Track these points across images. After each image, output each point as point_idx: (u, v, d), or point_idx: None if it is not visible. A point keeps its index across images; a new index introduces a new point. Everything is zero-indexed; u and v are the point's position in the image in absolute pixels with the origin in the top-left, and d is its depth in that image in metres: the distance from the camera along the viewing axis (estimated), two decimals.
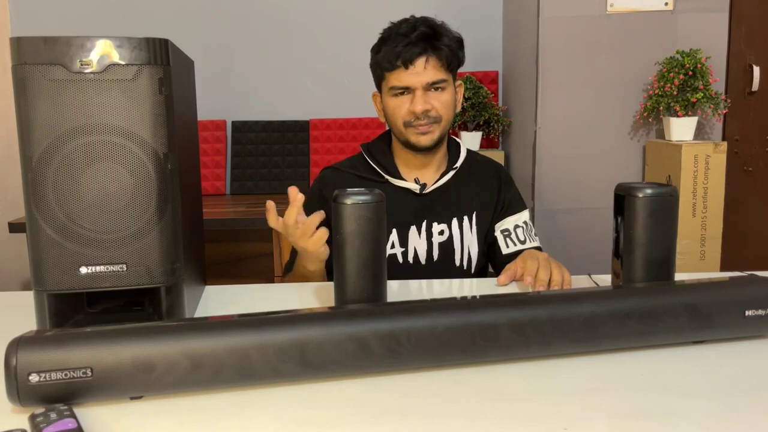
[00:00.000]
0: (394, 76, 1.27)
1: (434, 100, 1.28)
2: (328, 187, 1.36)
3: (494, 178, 1.41)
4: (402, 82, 1.26)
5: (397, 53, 1.25)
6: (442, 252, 1.35)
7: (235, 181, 2.85)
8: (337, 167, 1.40)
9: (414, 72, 1.25)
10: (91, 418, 0.67)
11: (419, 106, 1.26)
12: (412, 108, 1.27)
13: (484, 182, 1.40)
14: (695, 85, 2.18)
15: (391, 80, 1.28)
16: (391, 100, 1.30)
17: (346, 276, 0.88)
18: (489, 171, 1.42)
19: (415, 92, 1.27)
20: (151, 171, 0.84)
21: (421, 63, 1.25)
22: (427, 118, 1.27)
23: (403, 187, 1.35)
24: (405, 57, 1.24)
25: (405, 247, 1.34)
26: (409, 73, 1.26)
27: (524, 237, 1.37)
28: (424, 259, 1.34)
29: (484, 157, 1.46)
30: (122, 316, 0.93)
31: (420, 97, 1.26)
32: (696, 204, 2.18)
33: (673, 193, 0.93)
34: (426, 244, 1.34)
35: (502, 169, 1.45)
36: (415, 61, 1.25)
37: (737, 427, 0.65)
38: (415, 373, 0.78)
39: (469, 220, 1.36)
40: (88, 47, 0.81)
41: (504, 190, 1.40)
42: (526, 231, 1.38)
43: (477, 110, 2.62)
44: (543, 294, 0.83)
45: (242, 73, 2.89)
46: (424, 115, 1.27)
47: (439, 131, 1.30)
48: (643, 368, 0.79)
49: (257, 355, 0.71)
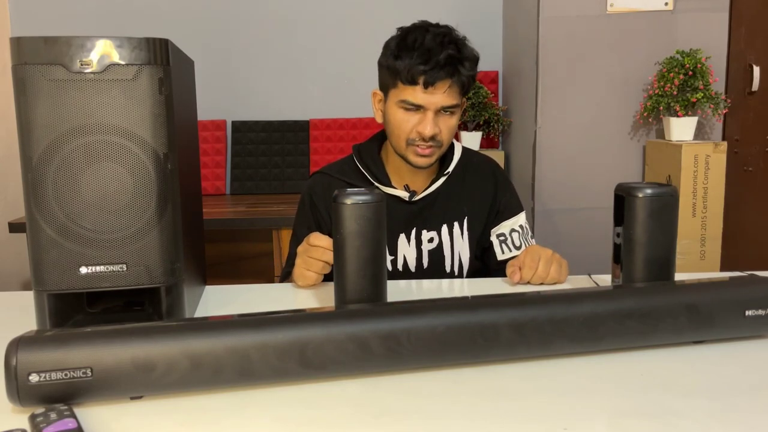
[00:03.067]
0: (409, 91, 1.21)
1: (443, 125, 1.24)
2: (318, 195, 1.35)
3: (490, 182, 1.38)
4: (417, 100, 1.21)
5: (420, 71, 1.18)
6: (432, 259, 1.33)
7: (235, 181, 2.85)
8: (326, 172, 1.38)
9: (432, 94, 1.20)
10: (91, 418, 0.67)
11: (429, 130, 1.21)
12: (420, 129, 1.22)
13: (478, 186, 1.37)
14: (695, 85, 2.18)
15: (405, 94, 1.22)
16: (398, 113, 1.24)
17: (346, 276, 0.88)
18: (485, 173, 1.38)
19: (427, 113, 1.22)
20: (151, 171, 0.84)
21: (442, 87, 1.20)
22: (432, 141, 1.24)
23: (392, 194, 1.32)
24: (428, 78, 1.18)
25: (394, 255, 1.32)
26: (427, 93, 1.20)
27: (520, 242, 1.35)
28: (414, 267, 1.32)
29: (480, 157, 1.42)
30: (122, 316, 0.93)
31: (431, 120, 1.22)
32: (696, 204, 2.18)
33: (673, 193, 0.93)
34: (415, 252, 1.32)
35: (499, 171, 1.41)
36: (437, 84, 1.19)
37: (737, 427, 0.65)
38: (415, 373, 0.78)
39: (460, 225, 1.34)
40: (88, 47, 0.81)
41: (500, 194, 1.37)
42: (522, 235, 1.36)
43: (477, 110, 2.62)
44: (543, 294, 0.83)
45: (242, 73, 2.89)
46: (431, 139, 1.23)
47: (438, 154, 1.27)
48: (643, 368, 0.79)
49: (257, 355, 0.71)
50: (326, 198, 1.33)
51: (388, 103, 1.27)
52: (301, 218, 1.37)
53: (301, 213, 1.38)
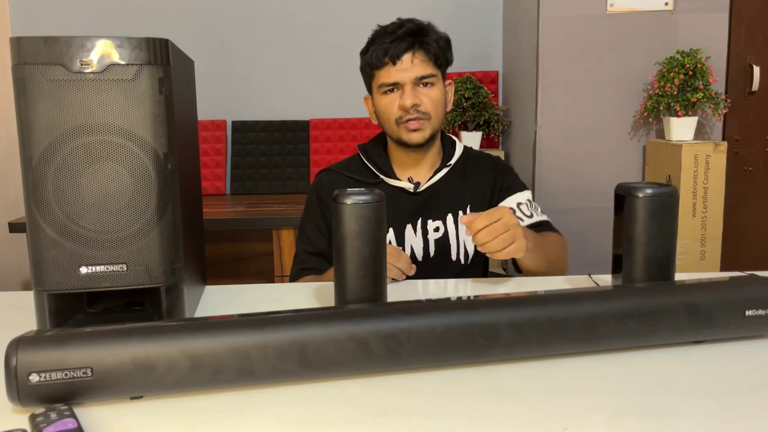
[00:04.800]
0: (383, 73, 1.29)
1: (423, 96, 1.29)
2: (325, 190, 1.38)
3: (490, 170, 1.41)
4: (391, 78, 1.28)
5: (384, 49, 1.27)
6: (438, 248, 1.36)
7: (235, 181, 2.85)
8: (332, 169, 1.42)
9: (402, 68, 1.28)
10: (91, 418, 0.67)
11: (408, 100, 1.28)
12: (401, 103, 1.29)
13: (479, 175, 1.40)
14: (695, 85, 2.18)
15: (380, 77, 1.30)
16: (382, 99, 1.32)
17: (346, 276, 0.88)
18: (485, 164, 1.43)
19: (404, 87, 1.29)
20: (151, 171, 0.84)
21: (408, 58, 1.27)
22: (417, 113, 1.29)
23: (398, 186, 1.36)
24: (392, 53, 1.27)
25: (402, 245, 1.35)
26: (397, 68, 1.28)
27: (530, 212, 1.37)
28: (421, 256, 1.36)
29: (481, 153, 1.47)
30: (122, 316, 0.93)
31: (409, 91, 1.28)
32: (696, 204, 2.18)
33: (673, 193, 0.93)
34: (422, 242, 1.35)
35: (499, 161, 1.45)
36: (402, 56, 1.27)
37: (737, 427, 0.65)
38: (415, 373, 0.78)
39: (464, 213, 1.37)
40: (88, 47, 0.81)
41: (500, 178, 1.41)
42: (531, 207, 1.38)
43: (477, 110, 2.62)
44: (543, 294, 0.83)
45: (242, 73, 2.89)
46: (414, 110, 1.28)
47: (430, 128, 1.31)
48: (643, 368, 0.79)
49: (257, 355, 0.71)
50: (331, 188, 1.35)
51: (374, 97, 1.35)
52: (308, 215, 1.40)
53: (309, 209, 1.40)
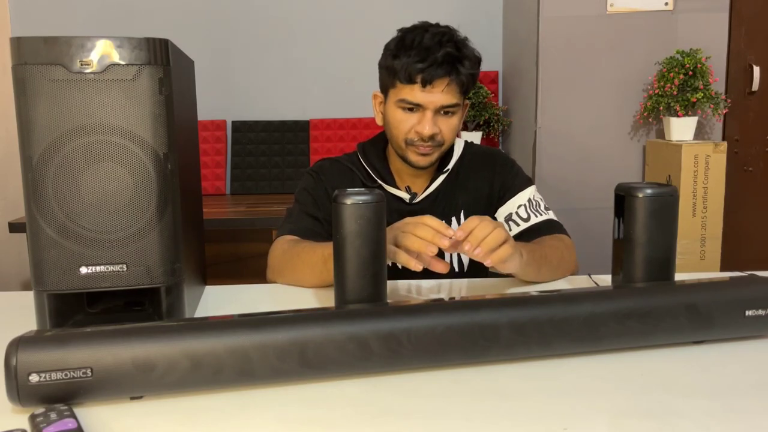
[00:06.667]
0: (407, 89, 1.20)
1: (443, 125, 1.23)
2: (326, 174, 1.34)
3: (486, 169, 1.36)
4: (416, 99, 1.20)
5: (418, 69, 1.18)
6: None
7: (235, 181, 2.85)
8: (335, 159, 1.37)
9: (430, 92, 1.19)
10: (91, 418, 0.67)
11: (428, 129, 1.21)
12: (419, 129, 1.22)
13: (472, 176, 1.35)
14: (695, 85, 2.18)
15: (404, 93, 1.21)
16: (397, 113, 1.24)
17: (346, 276, 0.88)
18: (482, 162, 1.37)
19: (426, 113, 1.21)
20: (151, 171, 0.84)
21: (440, 85, 1.19)
22: (432, 141, 1.23)
23: (395, 194, 1.32)
24: (426, 76, 1.18)
25: None
26: (425, 92, 1.19)
27: (527, 214, 1.31)
28: None
29: (482, 149, 1.41)
30: (122, 316, 0.93)
31: (430, 119, 1.21)
32: (696, 204, 2.18)
33: (673, 193, 0.93)
34: None
35: (500, 155, 1.39)
36: (434, 83, 1.18)
37: (737, 427, 0.65)
38: (415, 373, 0.78)
39: (457, 220, 1.33)
40: (88, 47, 0.81)
41: (498, 177, 1.35)
42: (530, 208, 1.32)
43: (477, 110, 2.62)
44: (543, 294, 0.83)
45: (242, 73, 2.89)
46: (430, 138, 1.22)
47: (438, 153, 1.27)
48: (643, 368, 0.79)
49: (257, 355, 0.71)
50: (332, 173, 1.34)
51: (388, 103, 1.27)
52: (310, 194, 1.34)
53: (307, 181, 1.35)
